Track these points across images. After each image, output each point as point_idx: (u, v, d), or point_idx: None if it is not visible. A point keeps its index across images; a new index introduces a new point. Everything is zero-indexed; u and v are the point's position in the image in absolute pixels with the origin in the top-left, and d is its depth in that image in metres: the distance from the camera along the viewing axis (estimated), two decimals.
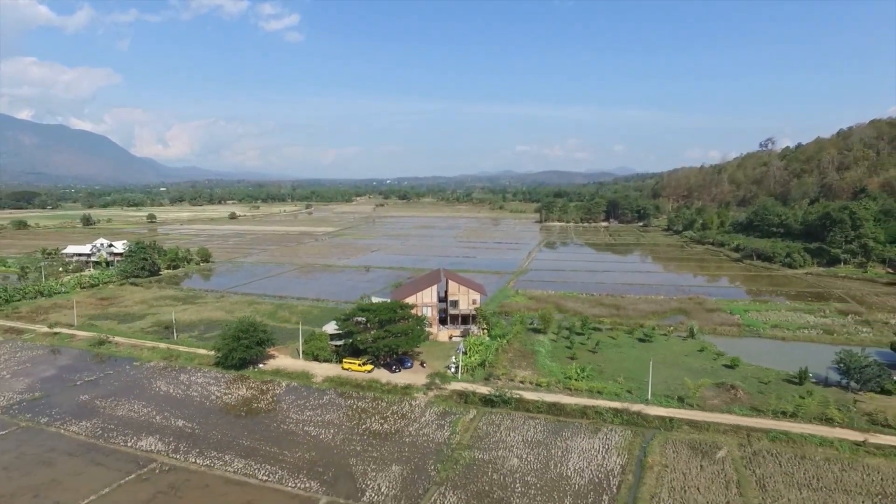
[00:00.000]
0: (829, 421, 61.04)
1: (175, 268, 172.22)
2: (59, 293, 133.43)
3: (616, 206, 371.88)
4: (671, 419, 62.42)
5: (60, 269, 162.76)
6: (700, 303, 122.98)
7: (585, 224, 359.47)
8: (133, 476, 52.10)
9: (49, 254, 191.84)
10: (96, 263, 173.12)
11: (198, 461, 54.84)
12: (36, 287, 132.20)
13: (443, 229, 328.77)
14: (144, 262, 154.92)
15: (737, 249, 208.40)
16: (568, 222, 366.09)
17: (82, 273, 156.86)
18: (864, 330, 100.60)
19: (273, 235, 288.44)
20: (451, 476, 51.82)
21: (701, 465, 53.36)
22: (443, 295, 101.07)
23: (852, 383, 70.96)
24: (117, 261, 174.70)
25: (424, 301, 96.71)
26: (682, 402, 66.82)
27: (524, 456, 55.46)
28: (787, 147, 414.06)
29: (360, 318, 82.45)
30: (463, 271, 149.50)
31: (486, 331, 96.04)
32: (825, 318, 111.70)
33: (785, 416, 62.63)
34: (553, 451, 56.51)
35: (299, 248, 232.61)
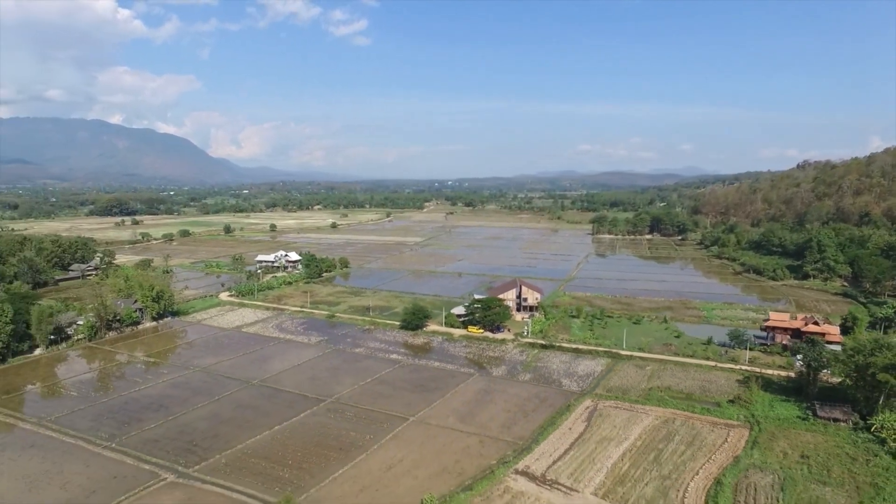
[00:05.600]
0: (707, 358, 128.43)
1: (329, 272, 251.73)
2: (274, 288, 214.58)
3: (659, 221, 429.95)
4: (631, 356, 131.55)
5: (259, 271, 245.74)
6: (684, 303, 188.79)
7: (631, 237, 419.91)
8: (396, 366, 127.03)
9: (236, 259, 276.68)
10: (278, 268, 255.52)
11: (419, 362, 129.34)
12: (264, 284, 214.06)
13: (508, 240, 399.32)
14: (317, 268, 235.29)
15: (742, 264, 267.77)
16: (616, 235, 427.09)
17: (276, 275, 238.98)
18: None
19: (376, 245, 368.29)
20: (527, 370, 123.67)
21: (636, 371, 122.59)
22: (518, 294, 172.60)
23: (734, 344, 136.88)
24: (290, 266, 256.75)
25: (508, 297, 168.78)
26: (640, 349, 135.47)
27: (559, 365, 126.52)
28: (828, 161, 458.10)
29: (476, 305, 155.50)
30: (528, 278, 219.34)
31: (543, 315, 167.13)
32: (763, 314, 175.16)
33: (687, 356, 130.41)
34: (572, 365, 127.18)
35: (402, 257, 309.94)
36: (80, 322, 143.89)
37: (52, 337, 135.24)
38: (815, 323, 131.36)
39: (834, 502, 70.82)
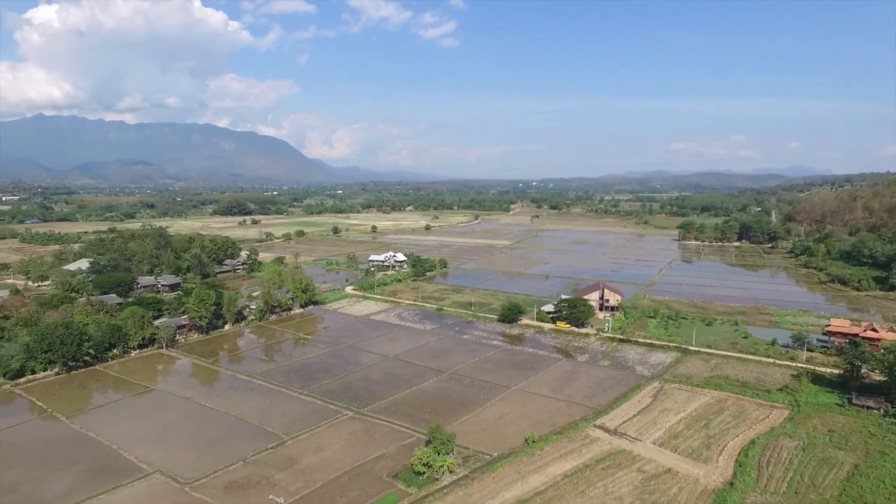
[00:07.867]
0: (768, 356, 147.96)
1: (430, 271, 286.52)
2: (388, 284, 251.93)
3: (749, 228, 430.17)
4: (698, 351, 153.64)
5: (372, 268, 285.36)
6: (759, 309, 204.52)
7: (719, 244, 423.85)
8: (497, 350, 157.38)
9: (351, 258, 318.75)
10: (387, 267, 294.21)
11: (515, 348, 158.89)
12: (379, 280, 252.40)
13: (594, 245, 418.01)
14: (421, 268, 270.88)
15: (827, 274, 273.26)
16: (703, 241, 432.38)
17: (387, 273, 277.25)
18: None
19: (468, 247, 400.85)
20: (606, 358, 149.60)
21: (701, 363, 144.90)
22: (601, 295, 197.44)
23: (796, 345, 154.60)
24: (398, 265, 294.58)
25: (591, 298, 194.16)
26: (708, 346, 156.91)
27: (633, 356, 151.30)
28: None
29: (563, 304, 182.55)
30: (611, 282, 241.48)
31: (623, 314, 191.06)
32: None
33: (750, 353, 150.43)
34: (645, 356, 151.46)
35: (494, 259, 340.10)
36: (252, 306, 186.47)
37: (235, 317, 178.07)
38: (874, 329, 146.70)
39: (843, 460, 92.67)
